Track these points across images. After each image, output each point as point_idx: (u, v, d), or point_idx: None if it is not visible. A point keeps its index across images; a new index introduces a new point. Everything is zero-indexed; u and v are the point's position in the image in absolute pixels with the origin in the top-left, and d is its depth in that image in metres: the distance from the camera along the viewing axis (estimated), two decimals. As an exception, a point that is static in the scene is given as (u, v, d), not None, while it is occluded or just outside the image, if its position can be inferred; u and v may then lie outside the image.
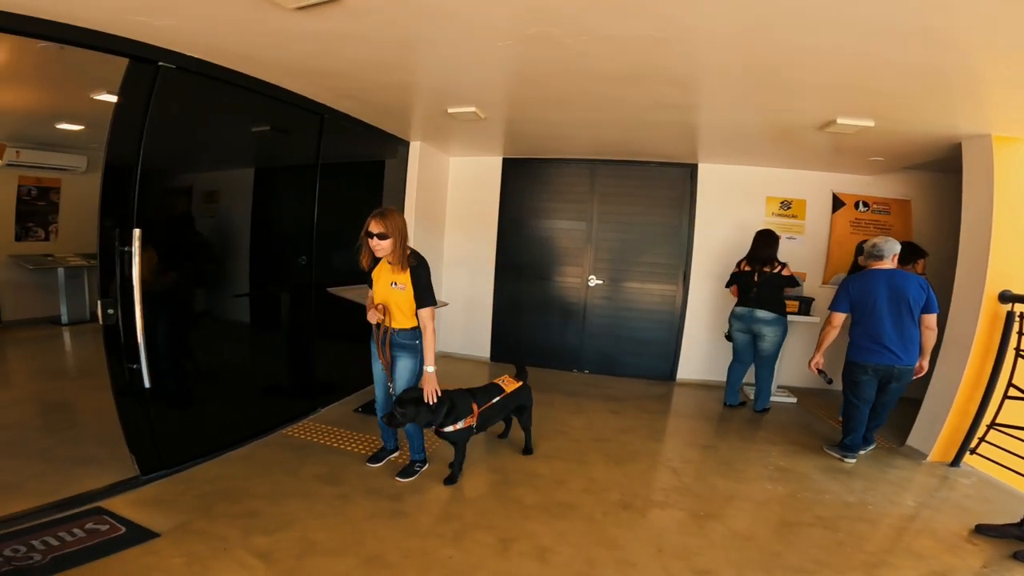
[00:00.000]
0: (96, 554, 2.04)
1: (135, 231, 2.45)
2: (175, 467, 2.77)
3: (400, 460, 3.08)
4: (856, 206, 5.02)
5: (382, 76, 3.00)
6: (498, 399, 2.99)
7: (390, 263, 2.66)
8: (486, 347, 5.78)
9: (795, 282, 4.26)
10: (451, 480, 2.86)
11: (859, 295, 3.32)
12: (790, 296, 4.39)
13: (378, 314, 2.73)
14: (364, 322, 2.83)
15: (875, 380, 3.33)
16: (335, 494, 2.67)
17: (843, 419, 3.54)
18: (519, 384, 3.16)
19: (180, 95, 2.67)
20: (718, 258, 5.05)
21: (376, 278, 2.76)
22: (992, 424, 3.25)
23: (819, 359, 3.52)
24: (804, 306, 4.61)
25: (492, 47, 2.45)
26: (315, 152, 3.69)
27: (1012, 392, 3.20)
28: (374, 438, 3.36)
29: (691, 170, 5.16)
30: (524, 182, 5.55)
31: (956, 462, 3.35)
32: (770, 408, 4.41)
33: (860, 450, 3.47)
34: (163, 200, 2.84)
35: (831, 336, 3.46)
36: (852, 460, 3.40)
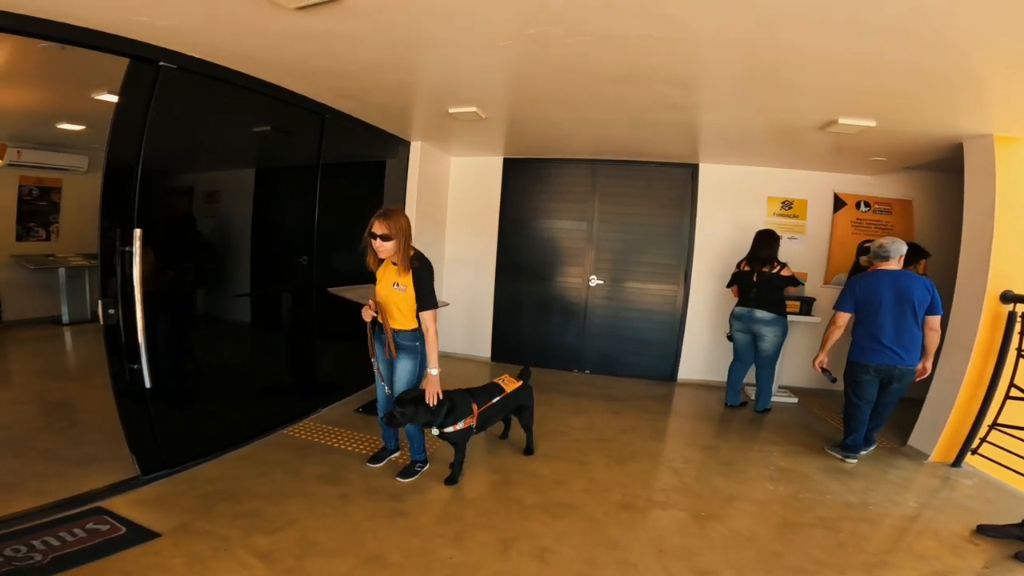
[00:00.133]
0: (97, 554, 2.04)
1: (136, 231, 2.45)
2: (176, 467, 2.78)
3: (401, 460, 3.08)
4: (857, 206, 5.02)
5: (383, 76, 3.00)
6: (498, 399, 2.98)
7: (393, 264, 2.65)
8: (487, 347, 5.77)
9: (796, 282, 4.26)
10: (452, 480, 2.86)
11: (864, 295, 3.31)
12: (792, 296, 4.39)
13: (370, 312, 2.74)
14: (365, 322, 2.82)
15: (876, 380, 3.33)
16: (336, 494, 2.67)
17: (844, 419, 3.53)
18: (519, 384, 3.15)
19: (181, 95, 2.67)
20: (719, 258, 5.04)
21: (380, 278, 2.75)
22: (993, 424, 3.25)
23: (823, 358, 3.51)
24: (805, 306, 4.60)
25: (493, 47, 2.45)
26: (316, 152, 3.69)
27: (1013, 392, 3.20)
28: (375, 438, 3.36)
29: (692, 170, 5.15)
30: (525, 182, 5.55)
31: (957, 462, 3.35)
32: (771, 408, 4.40)
33: (861, 450, 3.47)
34: (164, 200, 2.84)
35: (835, 336, 3.46)
36: (853, 460, 3.39)
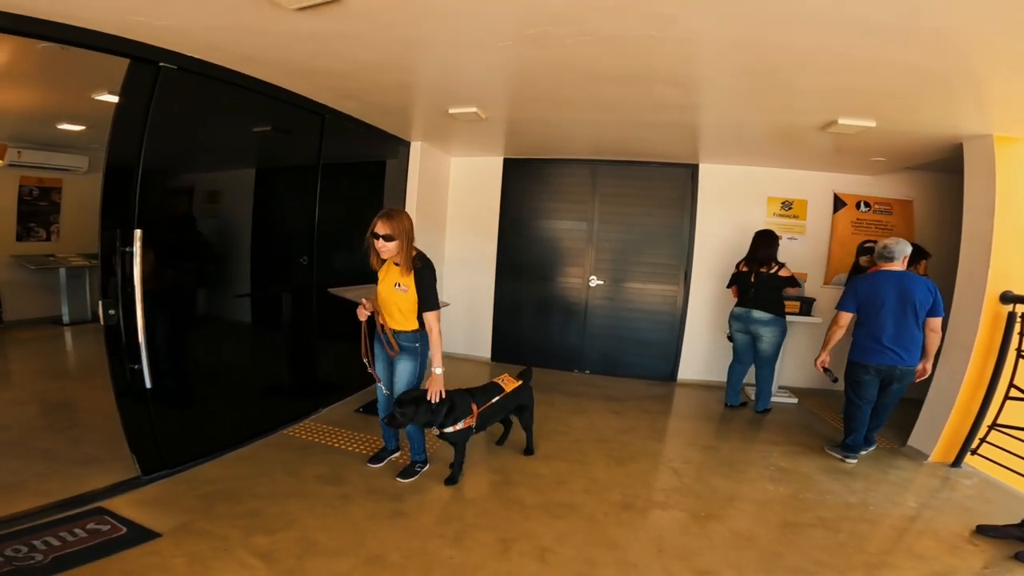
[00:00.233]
0: (97, 554, 2.04)
1: (136, 231, 2.45)
2: (176, 467, 2.78)
3: (401, 461, 3.08)
4: (858, 206, 5.01)
5: (383, 76, 3.00)
6: (497, 399, 2.98)
7: (396, 264, 2.65)
8: (487, 347, 5.77)
9: (795, 283, 4.25)
10: (452, 481, 2.86)
11: (866, 295, 3.31)
12: (791, 297, 4.39)
13: (365, 311, 2.74)
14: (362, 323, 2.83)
15: (877, 380, 3.33)
16: (336, 494, 2.68)
17: (844, 419, 3.54)
18: (518, 383, 3.15)
19: (181, 95, 2.67)
20: (719, 258, 5.04)
21: (382, 278, 2.74)
22: (993, 425, 3.25)
23: (825, 357, 3.51)
24: (805, 307, 4.60)
25: (493, 48, 2.45)
26: (316, 152, 3.69)
27: (1013, 393, 3.20)
28: (375, 438, 3.37)
29: (692, 170, 5.15)
30: (525, 182, 5.54)
31: (957, 463, 3.35)
32: (771, 409, 4.40)
33: (861, 451, 3.47)
34: (164, 200, 2.85)
35: (837, 335, 3.47)
36: (853, 460, 3.40)
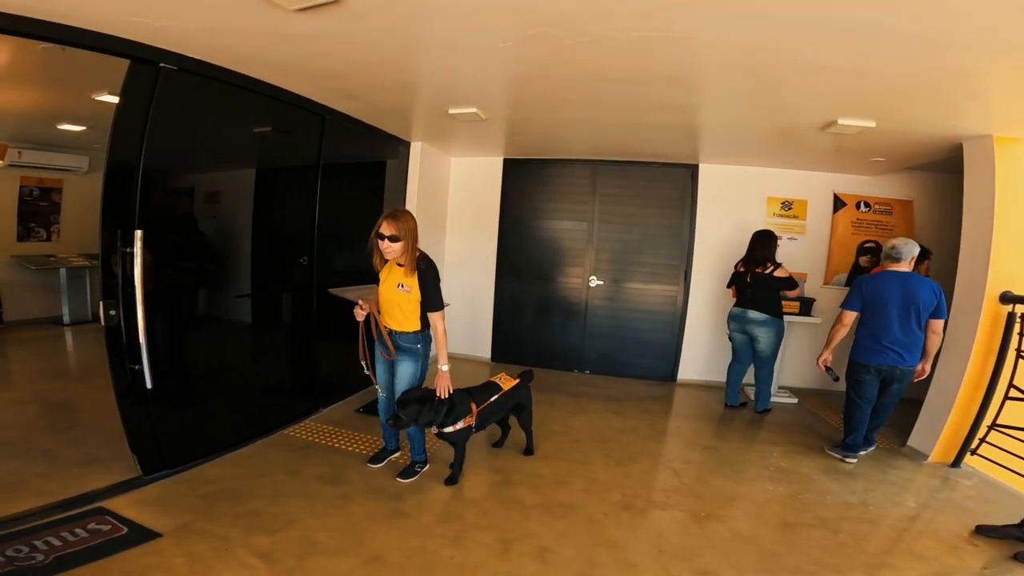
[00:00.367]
0: (98, 554, 2.05)
1: (137, 232, 2.46)
2: (177, 467, 2.78)
3: (401, 461, 3.08)
4: (858, 206, 5.01)
5: (383, 77, 3.00)
6: (496, 397, 2.98)
7: (399, 265, 2.65)
8: (487, 348, 5.78)
9: (792, 284, 4.21)
10: (452, 480, 2.86)
11: (872, 295, 3.31)
12: (791, 298, 4.37)
13: (363, 312, 2.75)
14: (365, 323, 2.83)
15: (877, 380, 3.34)
16: (336, 494, 2.68)
17: (845, 418, 3.55)
18: (516, 381, 3.15)
19: (181, 96, 2.67)
20: (719, 259, 5.04)
21: (384, 279, 2.74)
22: (993, 425, 3.25)
23: (827, 356, 3.52)
24: (805, 307, 4.60)
25: (493, 48, 2.45)
26: (316, 153, 3.70)
27: (1013, 393, 3.20)
28: (375, 438, 3.37)
29: (692, 170, 5.15)
30: (525, 182, 5.55)
31: (957, 463, 3.36)
32: (771, 409, 4.40)
33: (861, 450, 3.47)
34: (165, 201, 2.85)
35: (841, 334, 3.47)
36: (853, 460, 3.40)
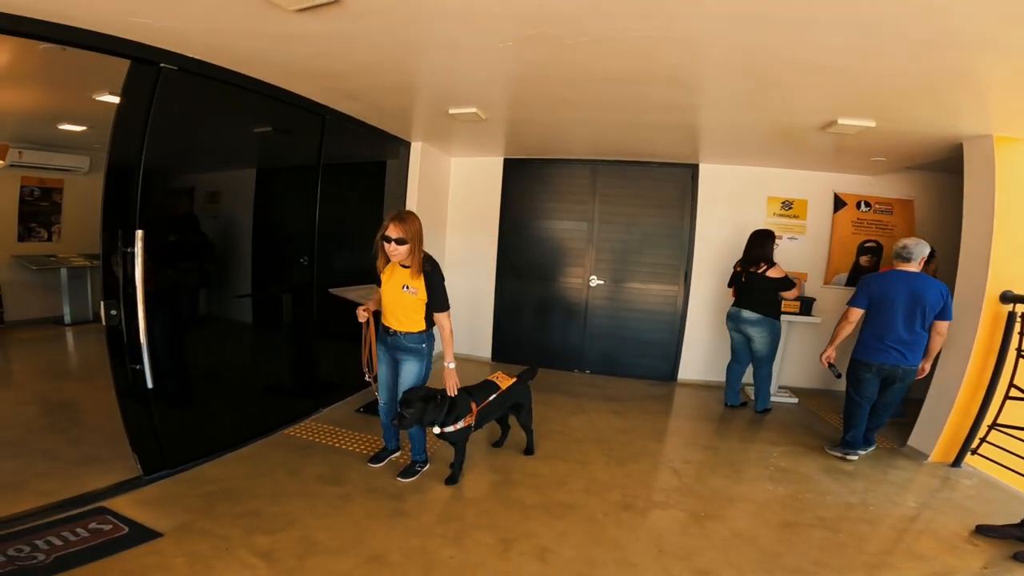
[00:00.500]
0: (99, 554, 2.05)
1: (138, 232, 2.46)
2: (178, 467, 2.79)
3: (401, 460, 3.08)
4: (858, 206, 5.01)
5: (383, 77, 3.01)
6: (495, 396, 2.99)
7: (404, 267, 2.64)
8: (487, 347, 5.78)
9: (787, 284, 4.15)
10: (452, 480, 2.87)
11: (879, 293, 3.31)
12: (789, 298, 4.34)
13: (365, 313, 2.77)
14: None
15: (878, 379, 3.35)
16: (337, 494, 2.68)
17: (844, 416, 3.57)
18: (514, 380, 3.15)
19: (182, 96, 2.67)
20: (719, 258, 5.04)
21: (386, 280, 2.72)
22: (993, 424, 3.25)
23: (831, 353, 3.52)
24: (805, 306, 4.60)
25: (493, 48, 2.45)
26: (317, 153, 3.70)
27: (1013, 392, 3.20)
28: (376, 438, 3.37)
29: (692, 170, 5.15)
30: (525, 182, 5.55)
31: (957, 463, 3.36)
32: (771, 408, 4.40)
33: (861, 450, 3.48)
34: (166, 201, 2.85)
35: (846, 331, 3.47)
36: (854, 457, 3.42)
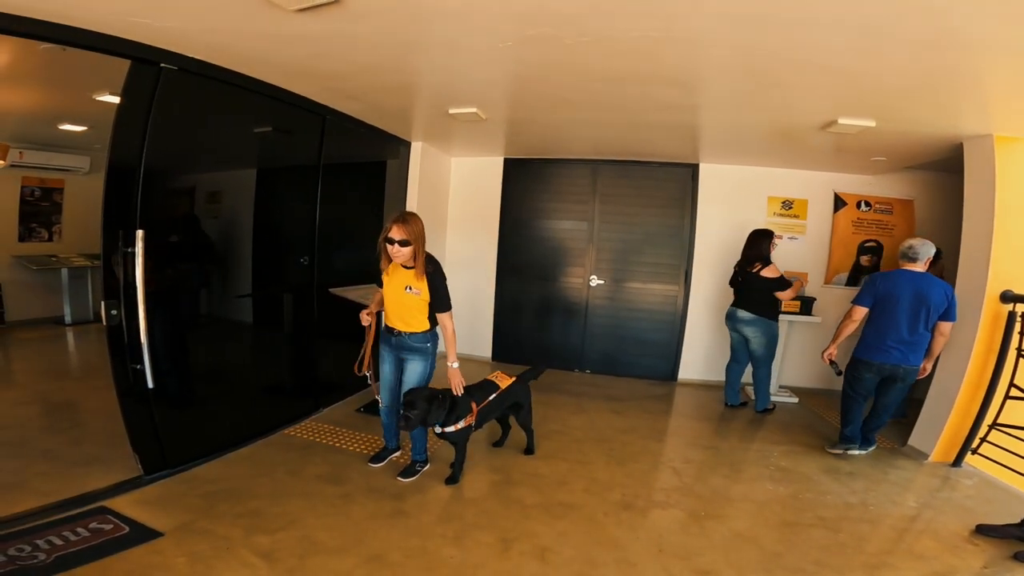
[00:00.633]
0: (100, 553, 2.05)
1: (138, 232, 2.46)
2: (178, 467, 2.79)
3: (402, 460, 3.09)
4: (858, 206, 5.01)
5: (383, 77, 3.01)
6: (494, 396, 2.99)
7: (407, 268, 2.64)
8: (487, 347, 5.78)
9: (782, 284, 4.11)
10: (452, 480, 2.87)
11: (884, 292, 3.31)
12: (786, 298, 4.32)
13: (368, 317, 2.78)
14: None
15: (877, 379, 3.37)
16: (337, 494, 2.69)
17: (841, 412, 3.58)
18: (513, 379, 3.14)
19: (182, 96, 2.68)
20: (720, 258, 5.04)
21: (388, 280, 2.71)
22: (993, 424, 3.25)
23: (833, 350, 3.52)
24: (806, 306, 4.60)
25: (493, 48, 2.46)
26: (317, 153, 3.70)
27: (1013, 392, 3.20)
28: (376, 438, 3.38)
29: (692, 170, 5.15)
30: (526, 182, 5.55)
31: (957, 462, 3.36)
32: (771, 408, 4.40)
33: (861, 450, 3.49)
34: (166, 201, 2.85)
35: (849, 329, 3.47)
36: (853, 451, 3.43)
